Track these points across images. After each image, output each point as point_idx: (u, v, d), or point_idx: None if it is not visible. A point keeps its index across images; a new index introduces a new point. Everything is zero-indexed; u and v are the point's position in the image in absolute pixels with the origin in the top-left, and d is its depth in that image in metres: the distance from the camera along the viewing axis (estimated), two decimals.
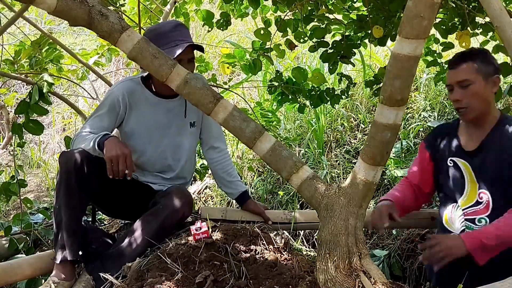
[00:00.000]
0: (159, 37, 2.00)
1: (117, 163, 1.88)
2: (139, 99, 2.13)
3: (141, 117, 2.14)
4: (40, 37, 2.85)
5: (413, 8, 1.26)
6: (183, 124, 2.22)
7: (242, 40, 5.26)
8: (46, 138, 5.50)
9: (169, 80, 1.61)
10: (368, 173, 1.49)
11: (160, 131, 2.17)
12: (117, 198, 2.17)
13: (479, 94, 1.84)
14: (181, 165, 2.25)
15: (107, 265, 1.90)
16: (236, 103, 4.29)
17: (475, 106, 1.85)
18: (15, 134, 2.48)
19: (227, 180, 2.32)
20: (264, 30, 2.40)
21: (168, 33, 2.04)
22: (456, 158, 1.95)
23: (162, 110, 2.16)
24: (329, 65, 2.53)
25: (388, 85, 1.37)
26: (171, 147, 2.21)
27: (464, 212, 1.91)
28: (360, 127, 3.85)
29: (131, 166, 1.91)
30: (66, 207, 1.93)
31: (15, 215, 2.66)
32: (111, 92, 2.15)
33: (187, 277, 1.68)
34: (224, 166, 2.32)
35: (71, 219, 1.94)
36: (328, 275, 1.50)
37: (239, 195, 2.30)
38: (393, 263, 2.86)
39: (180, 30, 2.08)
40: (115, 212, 2.35)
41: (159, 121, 2.16)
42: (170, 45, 1.99)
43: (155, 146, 2.19)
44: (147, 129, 2.16)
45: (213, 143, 2.32)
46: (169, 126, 2.19)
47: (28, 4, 1.74)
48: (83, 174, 1.95)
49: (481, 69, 1.84)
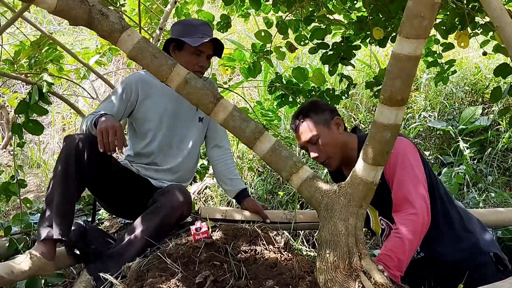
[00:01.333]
0: (189, 27, 2.17)
1: (107, 135, 1.89)
2: (152, 88, 2.22)
3: (153, 105, 2.22)
4: (40, 37, 2.85)
5: (414, 8, 1.26)
6: (193, 117, 2.29)
7: (242, 40, 5.26)
8: (46, 138, 5.50)
9: (169, 80, 1.61)
10: (368, 173, 1.49)
11: (170, 120, 2.25)
12: (116, 189, 2.19)
13: (331, 142, 1.89)
14: (183, 157, 2.28)
15: (107, 265, 1.90)
16: (236, 103, 4.29)
17: (333, 154, 1.91)
18: (15, 134, 2.48)
19: (227, 177, 2.35)
20: (265, 32, 2.41)
21: (197, 26, 2.18)
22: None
23: (174, 100, 2.23)
24: (329, 67, 2.53)
25: (388, 85, 1.37)
26: (178, 137, 2.28)
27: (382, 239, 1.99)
28: (360, 127, 3.85)
29: (121, 139, 1.91)
30: (61, 189, 1.93)
31: (15, 215, 2.65)
32: (126, 80, 2.25)
33: (187, 277, 1.68)
34: (227, 164, 2.37)
35: (63, 201, 1.93)
36: (328, 275, 1.50)
37: (238, 192, 2.32)
38: None
39: (208, 27, 2.23)
40: (113, 204, 2.34)
41: (170, 110, 2.24)
42: (197, 35, 2.12)
43: (164, 134, 2.25)
44: (158, 117, 2.23)
45: (219, 142, 2.38)
46: (179, 117, 2.26)
47: (29, 3, 1.74)
48: (83, 159, 1.96)
49: (318, 120, 1.89)
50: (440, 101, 3.84)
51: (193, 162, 2.38)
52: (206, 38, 2.14)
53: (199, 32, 2.15)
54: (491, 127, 3.59)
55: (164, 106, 2.23)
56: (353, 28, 2.42)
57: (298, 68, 2.63)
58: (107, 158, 2.09)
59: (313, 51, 2.49)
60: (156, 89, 2.22)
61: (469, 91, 3.96)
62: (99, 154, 1.97)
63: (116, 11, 2.71)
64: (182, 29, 2.18)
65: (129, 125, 2.33)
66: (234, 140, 3.88)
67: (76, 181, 1.96)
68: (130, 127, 2.33)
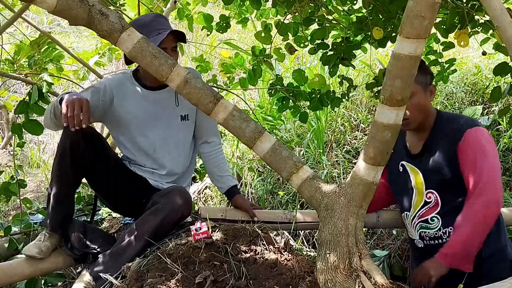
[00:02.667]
0: (141, 28, 1.98)
1: (73, 109, 1.84)
2: (127, 92, 2.17)
3: (130, 109, 2.17)
4: (39, 37, 2.84)
5: (414, 8, 1.26)
6: (173, 116, 2.23)
7: (242, 40, 5.25)
8: (46, 138, 5.49)
9: (169, 79, 1.61)
10: (368, 173, 1.49)
11: (149, 123, 2.20)
12: (114, 182, 2.19)
13: (420, 105, 1.89)
14: (171, 159, 2.25)
15: (107, 265, 1.90)
16: (236, 103, 4.28)
17: (416, 117, 1.90)
18: (15, 134, 2.48)
19: (217, 174, 2.34)
20: (265, 32, 2.40)
21: (148, 23, 2.07)
22: (404, 161, 2.02)
23: (151, 102, 2.19)
24: (329, 68, 2.52)
25: (389, 85, 1.37)
26: (160, 139, 2.22)
27: (418, 215, 1.98)
28: (360, 127, 3.85)
29: (86, 113, 1.87)
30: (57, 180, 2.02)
31: (15, 215, 2.65)
32: (105, 80, 2.24)
33: (187, 277, 1.68)
34: (216, 161, 2.34)
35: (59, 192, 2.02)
36: (328, 275, 1.50)
37: (228, 189, 2.31)
38: (393, 263, 2.86)
39: (160, 20, 2.12)
40: (111, 199, 2.33)
41: (148, 113, 2.19)
42: (153, 34, 2.01)
43: (145, 137, 2.21)
44: (136, 121, 2.19)
45: (207, 138, 2.34)
46: (158, 118, 2.21)
47: (29, 3, 1.74)
48: (78, 149, 1.98)
49: (420, 80, 1.86)
50: (440, 101, 3.84)
51: (186, 162, 2.34)
52: (163, 32, 2.03)
53: (154, 30, 2.03)
54: (491, 127, 3.59)
55: (142, 109, 2.18)
56: (353, 29, 2.42)
57: (299, 70, 2.61)
58: (105, 148, 2.12)
59: (313, 51, 2.49)
60: (132, 92, 2.17)
61: (469, 91, 3.96)
62: (96, 147, 2.02)
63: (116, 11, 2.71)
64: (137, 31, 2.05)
65: (112, 132, 2.30)
66: (234, 140, 3.88)
67: (72, 172, 2.01)
68: (113, 134, 2.30)
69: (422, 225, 1.97)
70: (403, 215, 2.07)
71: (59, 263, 2.10)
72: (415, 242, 2.02)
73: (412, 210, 2.00)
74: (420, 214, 1.97)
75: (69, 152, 1.98)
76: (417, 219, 1.98)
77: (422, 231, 1.97)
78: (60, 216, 2.06)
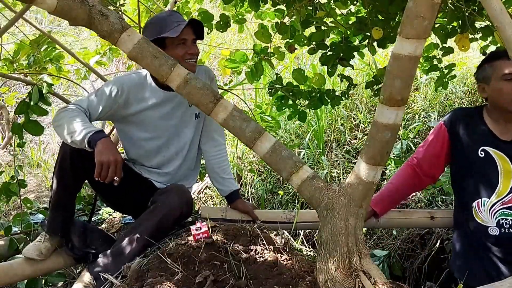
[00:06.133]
0: (161, 22, 2.07)
1: (107, 169, 1.81)
2: (142, 91, 2.15)
3: (144, 109, 2.16)
4: (39, 36, 2.84)
5: (414, 8, 1.27)
6: (188, 115, 2.23)
7: (242, 40, 5.26)
8: (46, 138, 5.49)
9: (169, 80, 1.62)
10: (368, 173, 1.49)
11: (164, 121, 2.19)
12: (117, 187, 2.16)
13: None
14: (183, 158, 2.26)
15: (107, 265, 1.90)
16: (236, 103, 4.28)
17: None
18: (15, 134, 2.48)
19: (220, 176, 2.32)
20: (264, 31, 2.40)
21: (166, 17, 2.10)
22: (489, 147, 1.98)
23: (166, 101, 2.17)
24: (328, 68, 2.52)
25: (388, 85, 1.38)
26: (175, 137, 2.23)
27: (502, 201, 1.95)
28: (360, 127, 3.85)
29: (119, 173, 1.85)
30: (58, 184, 2.03)
31: (15, 215, 2.65)
32: (119, 81, 2.14)
33: (187, 277, 1.68)
34: (220, 162, 2.33)
35: (59, 196, 2.04)
36: (328, 275, 1.50)
37: (229, 193, 2.31)
38: (393, 263, 2.87)
39: (177, 15, 2.15)
40: (115, 203, 2.34)
41: (163, 112, 2.18)
42: (173, 25, 2.03)
43: (160, 139, 2.21)
44: (151, 120, 2.17)
45: (212, 135, 2.32)
46: (173, 117, 2.20)
47: (29, 4, 1.74)
48: (79, 153, 1.94)
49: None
50: (440, 101, 3.84)
51: (194, 161, 2.36)
52: (182, 23, 2.04)
53: (173, 23, 2.05)
54: None
55: (156, 108, 2.17)
56: (353, 30, 2.42)
57: (298, 70, 2.62)
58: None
59: (312, 51, 2.49)
60: (147, 92, 2.16)
61: (469, 91, 3.96)
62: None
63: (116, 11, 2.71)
64: (155, 27, 2.06)
65: (120, 132, 2.26)
66: (234, 140, 3.88)
67: (72, 176, 2.01)
68: (121, 133, 2.26)
69: (505, 212, 1.94)
70: (476, 202, 2.00)
71: (59, 263, 2.11)
72: (489, 230, 1.96)
73: (494, 197, 1.96)
74: (505, 200, 1.95)
75: (69, 156, 1.97)
76: (499, 205, 1.95)
77: (503, 218, 1.94)
78: (61, 218, 2.06)
